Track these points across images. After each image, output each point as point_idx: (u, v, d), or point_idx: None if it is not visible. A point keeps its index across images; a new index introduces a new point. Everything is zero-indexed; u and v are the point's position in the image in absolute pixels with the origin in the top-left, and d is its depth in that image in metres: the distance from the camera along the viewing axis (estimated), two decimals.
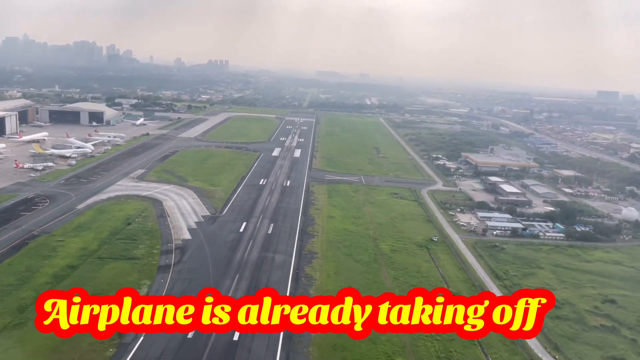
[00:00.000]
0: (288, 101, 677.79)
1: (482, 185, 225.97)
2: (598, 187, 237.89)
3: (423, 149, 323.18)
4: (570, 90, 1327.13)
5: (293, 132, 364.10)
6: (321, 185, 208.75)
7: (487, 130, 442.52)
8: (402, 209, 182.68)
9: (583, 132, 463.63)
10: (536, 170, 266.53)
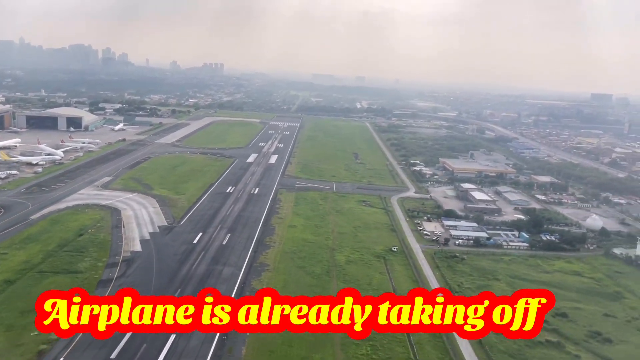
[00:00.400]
0: (277, 105, 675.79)
1: (455, 192, 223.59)
2: (573, 193, 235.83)
3: (403, 154, 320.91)
4: (567, 92, 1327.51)
5: (274, 137, 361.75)
6: (290, 192, 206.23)
7: (472, 134, 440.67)
8: (368, 217, 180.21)
9: (569, 136, 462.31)
10: (513, 176, 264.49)
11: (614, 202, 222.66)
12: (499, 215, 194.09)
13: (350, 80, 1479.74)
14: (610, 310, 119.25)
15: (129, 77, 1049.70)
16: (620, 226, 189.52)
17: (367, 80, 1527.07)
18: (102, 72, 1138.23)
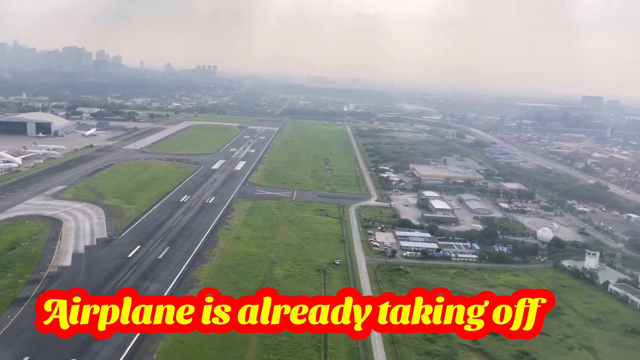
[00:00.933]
0: (263, 108, 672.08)
1: (417, 200, 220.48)
2: (539, 201, 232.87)
3: (376, 159, 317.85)
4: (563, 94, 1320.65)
5: (248, 142, 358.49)
6: (247, 201, 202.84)
7: (451, 139, 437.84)
8: (320, 227, 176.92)
9: (549, 140, 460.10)
10: (481, 183, 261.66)
11: (578, 210, 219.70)
12: (456, 224, 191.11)
13: (344, 82, 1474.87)
14: (545, 327, 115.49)
15: (119, 79, 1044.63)
16: (578, 236, 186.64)
17: (362, 82, 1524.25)
18: (94, 74, 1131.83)
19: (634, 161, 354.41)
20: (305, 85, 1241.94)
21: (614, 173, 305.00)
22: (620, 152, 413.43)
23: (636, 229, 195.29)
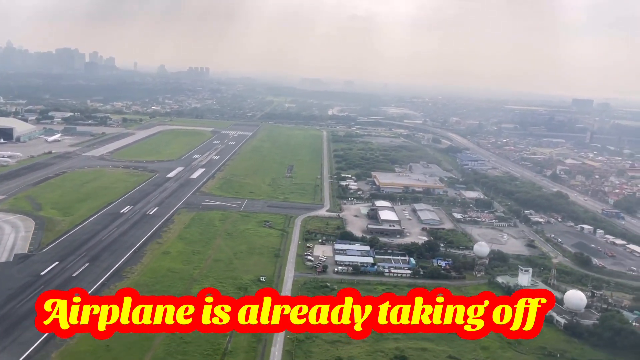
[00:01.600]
0: (245, 112, 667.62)
1: (367, 210, 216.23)
2: (494, 211, 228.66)
3: (341, 166, 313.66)
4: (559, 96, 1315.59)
5: (216, 148, 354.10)
6: (191, 212, 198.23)
7: (426, 144, 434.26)
8: (258, 240, 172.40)
9: (526, 145, 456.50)
10: (441, 192, 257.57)
11: (533, 221, 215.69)
12: (401, 236, 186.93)
13: (339, 84, 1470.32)
14: (458, 351, 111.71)
15: (107, 82, 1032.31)
16: (525, 249, 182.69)
17: (356, 84, 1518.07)
18: (83, 77, 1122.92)
19: (605, 168, 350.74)
20: (296, 88, 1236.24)
21: (580, 181, 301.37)
22: (596, 157, 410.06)
23: (585, 242, 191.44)
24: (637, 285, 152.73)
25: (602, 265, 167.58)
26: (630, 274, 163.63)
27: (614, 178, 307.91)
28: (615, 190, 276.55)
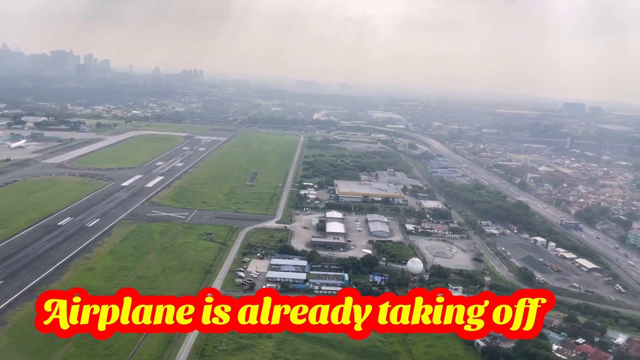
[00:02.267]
0: (228, 116, 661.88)
1: (317, 221, 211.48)
2: (451, 221, 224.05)
3: (308, 174, 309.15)
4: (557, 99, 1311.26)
5: (183, 154, 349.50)
6: (132, 224, 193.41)
7: (402, 150, 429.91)
8: (193, 255, 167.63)
9: (503, 151, 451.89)
10: (401, 201, 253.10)
11: (487, 232, 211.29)
12: (345, 250, 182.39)
13: (334, 86, 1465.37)
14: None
15: (97, 84, 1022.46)
16: (471, 263, 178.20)
17: (351, 86, 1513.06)
18: (74, 79, 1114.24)
19: (576, 176, 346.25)
20: (288, 91, 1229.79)
21: (546, 190, 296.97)
22: (572, 164, 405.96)
23: (534, 255, 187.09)
24: (575, 302, 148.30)
25: (544, 281, 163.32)
26: (571, 290, 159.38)
27: (582, 187, 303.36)
28: (580, 200, 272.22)
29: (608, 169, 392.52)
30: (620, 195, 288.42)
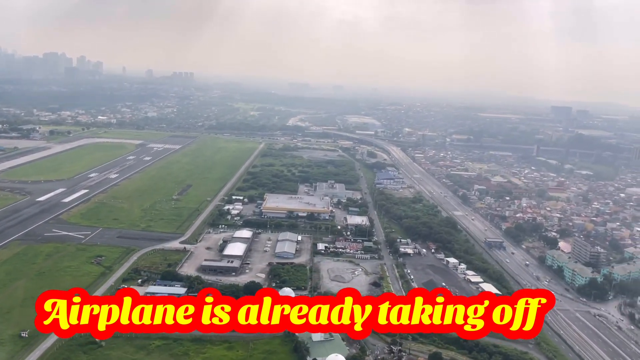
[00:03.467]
0: (198, 121, 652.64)
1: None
2: (369, 239, 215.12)
3: (246, 185, 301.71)
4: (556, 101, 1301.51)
5: (124, 164, 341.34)
6: (21, 245, 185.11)
7: (359, 158, 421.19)
8: (68, 282, 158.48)
9: (462, 160, 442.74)
10: (327, 216, 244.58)
11: (402, 252, 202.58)
12: (237, 274, 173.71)
13: (327, 89, 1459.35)
14: None
15: (78, 88, 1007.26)
16: (368, 288, 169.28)
17: (346, 88, 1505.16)
18: (62, 82, 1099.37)
19: (526, 187, 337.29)
20: (276, 94, 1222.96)
21: (486, 204, 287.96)
22: (530, 174, 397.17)
23: (438, 279, 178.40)
24: (451, 336, 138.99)
25: None
26: None
27: (525, 200, 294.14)
28: (517, 215, 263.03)
29: (565, 179, 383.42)
30: (562, 210, 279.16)
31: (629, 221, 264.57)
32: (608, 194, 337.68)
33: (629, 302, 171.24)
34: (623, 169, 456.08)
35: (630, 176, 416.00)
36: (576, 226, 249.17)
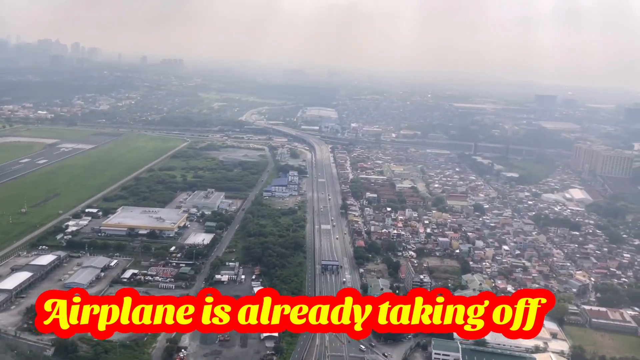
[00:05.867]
0: (147, 115, 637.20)
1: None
2: (189, 264, 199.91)
3: (124, 194, 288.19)
4: None
5: (6, 170, 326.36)
6: None
7: (278, 159, 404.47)
8: None
9: (385, 161, 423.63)
10: (172, 234, 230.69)
11: (216, 279, 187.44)
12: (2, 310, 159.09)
13: (323, 75, 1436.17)
14: None
15: (55, 77, 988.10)
16: None
17: (341, 75, 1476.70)
18: (47, 71, 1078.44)
19: (424, 196, 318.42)
20: (259, 82, 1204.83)
21: (364, 215, 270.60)
22: (450, 177, 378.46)
23: None
24: None
25: None
26: None
27: (409, 210, 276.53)
28: (383, 230, 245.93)
29: (482, 183, 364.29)
30: (441, 222, 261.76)
31: (504, 237, 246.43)
32: (517, 201, 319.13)
33: (423, 343, 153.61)
34: (559, 169, 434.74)
35: (558, 179, 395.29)
36: (441, 244, 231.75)
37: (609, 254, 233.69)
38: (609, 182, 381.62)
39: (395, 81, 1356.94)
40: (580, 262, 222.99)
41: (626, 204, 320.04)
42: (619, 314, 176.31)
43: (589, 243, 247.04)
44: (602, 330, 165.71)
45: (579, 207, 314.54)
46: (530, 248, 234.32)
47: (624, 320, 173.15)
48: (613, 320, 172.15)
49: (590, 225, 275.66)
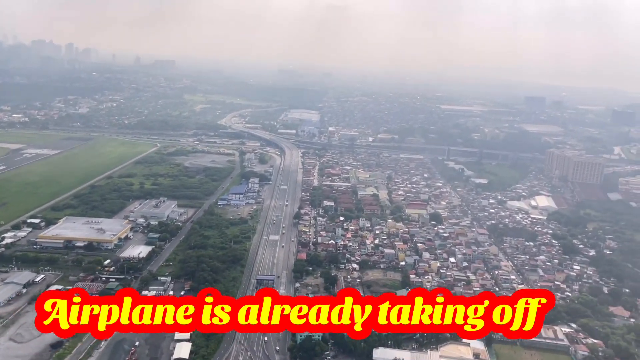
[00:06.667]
0: (125, 118, 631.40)
1: None
2: (118, 278, 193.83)
3: (73, 203, 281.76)
4: None
5: None
6: None
7: (246, 165, 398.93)
8: None
9: (356, 166, 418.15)
10: (111, 246, 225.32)
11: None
12: None
13: (317, 76, 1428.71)
14: None
15: (37, 80, 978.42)
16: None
17: (335, 76, 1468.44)
18: (36, 72, 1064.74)
19: (383, 204, 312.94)
20: (249, 84, 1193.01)
21: (316, 225, 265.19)
22: (416, 184, 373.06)
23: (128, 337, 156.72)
24: None
25: None
26: None
27: (363, 220, 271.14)
28: (330, 242, 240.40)
29: (451, 189, 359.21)
30: (393, 232, 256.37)
31: (454, 249, 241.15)
32: (479, 209, 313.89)
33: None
34: (532, 175, 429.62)
35: (528, 185, 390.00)
36: (386, 256, 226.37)
37: (559, 266, 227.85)
38: (578, 188, 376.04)
39: (389, 82, 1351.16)
40: (527, 274, 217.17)
41: (590, 212, 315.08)
42: (551, 331, 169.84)
43: (541, 254, 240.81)
44: (532, 349, 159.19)
45: (542, 215, 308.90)
46: (478, 260, 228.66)
47: (556, 338, 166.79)
48: (545, 337, 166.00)
49: (548, 235, 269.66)
